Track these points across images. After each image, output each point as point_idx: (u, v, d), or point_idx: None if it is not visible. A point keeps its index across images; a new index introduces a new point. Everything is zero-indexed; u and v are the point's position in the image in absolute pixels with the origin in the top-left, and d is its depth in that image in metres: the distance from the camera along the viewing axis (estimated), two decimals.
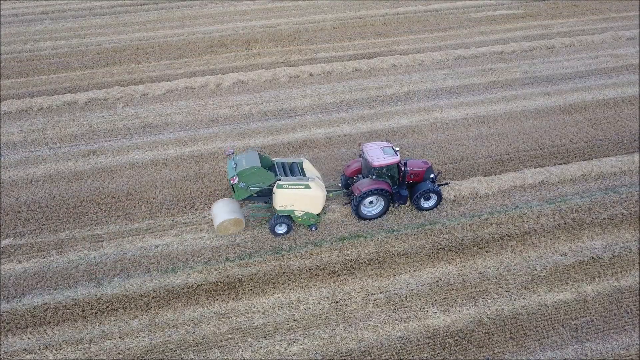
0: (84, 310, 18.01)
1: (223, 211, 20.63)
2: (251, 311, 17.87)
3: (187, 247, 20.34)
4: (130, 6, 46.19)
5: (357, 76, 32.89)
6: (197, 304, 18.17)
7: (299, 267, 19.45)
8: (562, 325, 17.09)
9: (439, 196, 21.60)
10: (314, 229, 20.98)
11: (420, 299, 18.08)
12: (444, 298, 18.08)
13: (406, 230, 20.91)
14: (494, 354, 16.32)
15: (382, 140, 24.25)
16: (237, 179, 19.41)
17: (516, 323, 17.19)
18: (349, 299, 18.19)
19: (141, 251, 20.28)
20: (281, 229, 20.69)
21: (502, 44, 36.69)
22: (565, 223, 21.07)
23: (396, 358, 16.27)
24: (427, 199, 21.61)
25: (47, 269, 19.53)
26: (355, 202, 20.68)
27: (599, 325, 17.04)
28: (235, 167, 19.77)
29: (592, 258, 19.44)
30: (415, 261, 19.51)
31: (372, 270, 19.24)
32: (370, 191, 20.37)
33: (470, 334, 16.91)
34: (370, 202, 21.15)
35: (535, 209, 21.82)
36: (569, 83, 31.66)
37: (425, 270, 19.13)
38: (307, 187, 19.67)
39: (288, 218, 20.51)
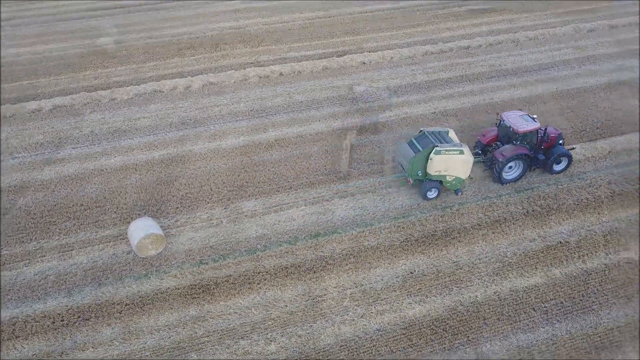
0: (54, 322, 17.58)
1: (137, 231, 19.60)
2: (227, 313, 17.74)
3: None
4: (96, 10, 45.38)
5: (327, 74, 33.01)
6: (172, 308, 17.95)
7: (274, 266, 19.40)
8: (533, 308, 17.49)
9: (570, 159, 23.17)
10: (459, 193, 22.25)
11: (395, 290, 18.25)
12: (419, 289, 18.30)
13: (380, 224, 21.08)
14: (469, 340, 16.59)
15: (519, 110, 25.38)
16: (411, 180, 21.96)
17: (489, 309, 17.52)
18: (325, 294, 18.23)
19: (112, 258, 19.92)
20: (432, 194, 21.98)
21: (468, 38, 37.36)
22: (533, 210, 21.58)
23: (373, 350, 16.39)
24: (558, 162, 23.17)
25: (14, 282, 18.99)
26: (499, 167, 22.25)
27: (568, 306, 17.50)
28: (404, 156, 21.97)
29: (560, 242, 19.97)
30: (389, 254, 19.69)
31: (347, 265, 19.34)
32: (515, 156, 21.96)
33: (445, 322, 17.15)
34: (510, 167, 22.68)
35: (505, 198, 22.28)
36: (534, 75, 32.42)
37: (399, 262, 19.33)
38: (461, 152, 20.98)
39: (439, 183, 21.76)
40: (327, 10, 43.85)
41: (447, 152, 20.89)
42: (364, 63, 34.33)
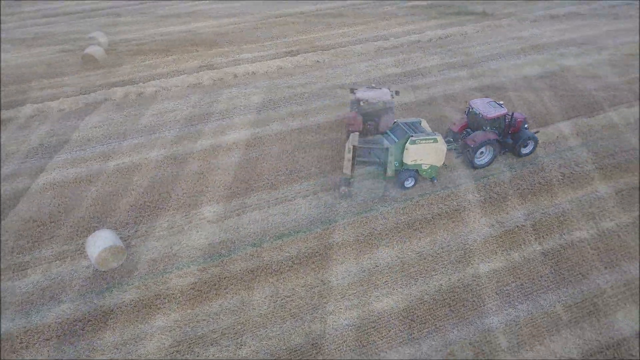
0: (12, 345, 16.75)
1: (96, 244, 18.99)
2: (195, 320, 17.43)
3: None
4: (40, 18, 43.47)
5: (282, 74, 32.95)
6: (137, 320, 17.46)
7: (240, 270, 19.21)
8: (496, 292, 18.08)
9: (536, 142, 24.16)
10: (435, 180, 22.86)
11: (362, 285, 18.44)
12: (385, 281, 18.56)
13: (343, 220, 21.24)
14: (436, 328, 16.98)
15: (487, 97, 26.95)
16: (389, 171, 22.47)
17: (454, 296, 17.98)
18: (294, 294, 18.22)
19: (72, 274, 19.17)
20: (409, 183, 22.50)
21: (418, 33, 38.17)
22: (490, 197, 22.30)
23: (344, 346, 16.50)
24: (525, 146, 24.12)
25: None
26: (471, 153, 23.10)
27: (528, 287, 18.21)
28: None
29: (517, 227, 20.73)
30: (354, 249, 19.87)
31: (313, 263, 19.37)
32: (485, 141, 22.82)
33: (412, 312, 17.47)
34: (481, 152, 23.52)
35: (463, 187, 22.91)
36: (483, 66, 33.50)
37: (365, 256, 19.54)
38: (435, 140, 21.67)
39: (415, 172, 22.35)
40: (277, 10, 43.76)
41: (422, 142, 21.64)
42: (318, 61, 34.49)
